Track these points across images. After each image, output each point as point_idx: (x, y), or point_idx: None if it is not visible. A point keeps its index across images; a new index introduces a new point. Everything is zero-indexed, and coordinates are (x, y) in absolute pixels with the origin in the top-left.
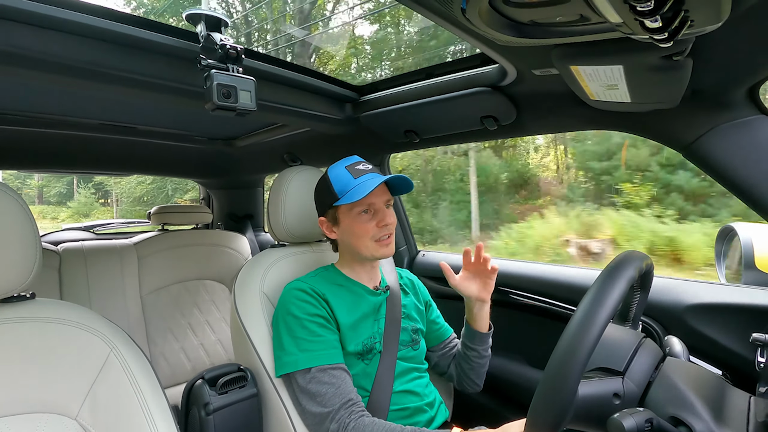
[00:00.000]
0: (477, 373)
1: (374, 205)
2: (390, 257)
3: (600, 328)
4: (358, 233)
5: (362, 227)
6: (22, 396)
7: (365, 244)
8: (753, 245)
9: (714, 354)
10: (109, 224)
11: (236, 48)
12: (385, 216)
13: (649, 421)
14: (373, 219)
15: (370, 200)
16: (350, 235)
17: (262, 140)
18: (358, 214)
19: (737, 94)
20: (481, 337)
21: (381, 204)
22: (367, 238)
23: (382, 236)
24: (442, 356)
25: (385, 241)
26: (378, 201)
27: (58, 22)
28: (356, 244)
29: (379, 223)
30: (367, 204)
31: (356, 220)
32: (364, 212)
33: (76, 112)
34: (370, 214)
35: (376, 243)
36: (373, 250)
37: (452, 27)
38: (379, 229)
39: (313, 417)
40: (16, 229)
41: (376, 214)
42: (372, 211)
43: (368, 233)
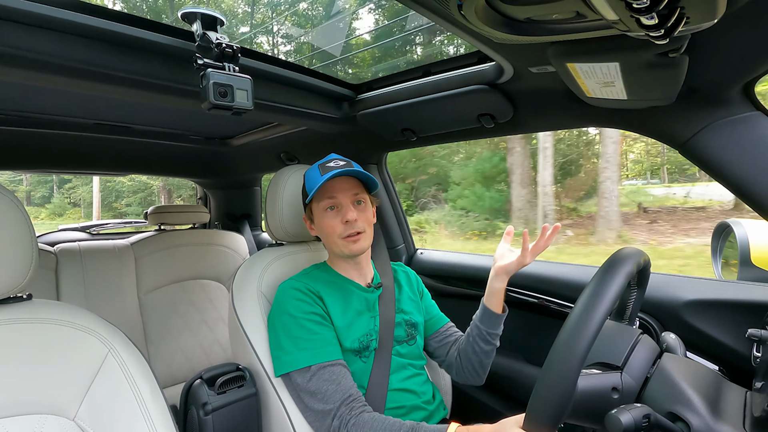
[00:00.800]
0: (482, 363)
1: (337, 200)
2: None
3: (597, 324)
4: (326, 230)
5: (328, 224)
6: (20, 398)
7: (334, 241)
8: (749, 241)
9: (710, 350)
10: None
11: (232, 47)
12: (348, 212)
13: (647, 416)
14: (338, 215)
15: (332, 194)
16: (320, 232)
17: (258, 139)
18: (324, 211)
19: (733, 91)
20: (496, 318)
21: (346, 200)
22: (334, 236)
23: (349, 233)
24: (439, 344)
25: (353, 238)
26: (342, 197)
27: (51, 20)
28: (327, 242)
29: (343, 219)
30: (330, 199)
31: (323, 216)
32: (330, 209)
33: (70, 111)
34: (336, 210)
35: (344, 240)
36: (341, 246)
37: (449, 24)
38: (343, 226)
39: (315, 414)
40: (12, 229)
41: (340, 210)
42: (337, 206)
43: (334, 230)
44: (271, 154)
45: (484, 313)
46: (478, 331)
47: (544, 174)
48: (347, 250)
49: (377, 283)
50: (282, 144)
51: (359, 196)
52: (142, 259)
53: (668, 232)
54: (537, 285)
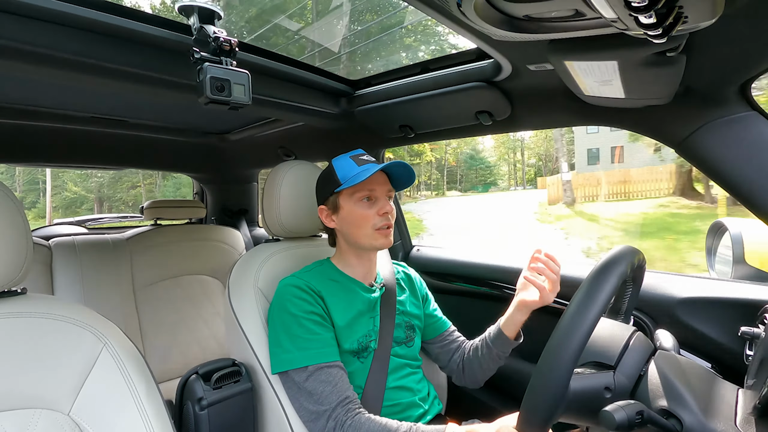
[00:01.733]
0: (485, 375)
1: (375, 193)
2: (386, 251)
3: (591, 324)
4: (358, 220)
5: (363, 214)
6: (14, 392)
7: (365, 232)
8: (743, 240)
9: (703, 347)
10: (101, 219)
11: (230, 41)
12: (386, 204)
13: (640, 413)
14: (373, 207)
15: (371, 187)
16: (349, 223)
17: (256, 134)
18: (358, 201)
19: (730, 91)
20: (511, 344)
21: (382, 193)
22: (367, 226)
23: (382, 225)
24: (441, 349)
25: (385, 231)
26: (379, 189)
27: (47, 12)
28: (355, 233)
29: (380, 211)
30: (369, 191)
31: (357, 206)
32: (366, 199)
33: (66, 104)
34: (372, 202)
35: (376, 232)
36: (372, 238)
37: (447, 21)
38: (379, 217)
39: (309, 414)
40: (7, 223)
41: (376, 202)
42: (373, 198)
43: (368, 221)
44: (268, 149)
45: (498, 337)
46: (488, 351)
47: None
48: (378, 242)
49: (380, 283)
50: (279, 139)
51: (391, 192)
52: (138, 254)
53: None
54: None
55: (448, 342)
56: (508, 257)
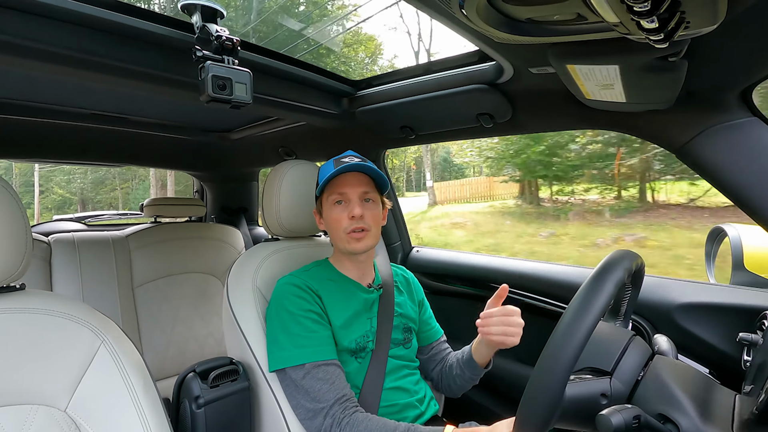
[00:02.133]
0: (461, 389)
1: (346, 195)
2: (385, 253)
3: (588, 329)
4: (332, 224)
5: (335, 217)
6: (11, 387)
7: (338, 236)
8: (742, 246)
9: (702, 352)
10: (101, 215)
11: (232, 39)
12: (354, 207)
13: (637, 417)
14: (345, 209)
15: (341, 189)
16: (327, 226)
17: (257, 133)
18: (332, 204)
19: (731, 97)
20: (479, 370)
21: (354, 195)
22: (339, 230)
23: (354, 229)
24: (428, 359)
25: (356, 235)
26: (351, 191)
27: (49, 8)
28: (332, 236)
29: (349, 214)
30: (339, 193)
31: (331, 210)
32: (338, 203)
33: (67, 101)
34: (344, 205)
35: (347, 236)
36: (345, 242)
37: (450, 23)
38: (348, 220)
39: (306, 412)
40: (6, 219)
41: (348, 204)
42: (345, 201)
43: (340, 224)
44: (269, 148)
45: (469, 363)
46: (462, 372)
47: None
48: (350, 246)
49: (377, 285)
50: (280, 139)
51: (368, 194)
52: (138, 251)
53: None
54: (531, 285)
55: (437, 352)
56: (505, 260)
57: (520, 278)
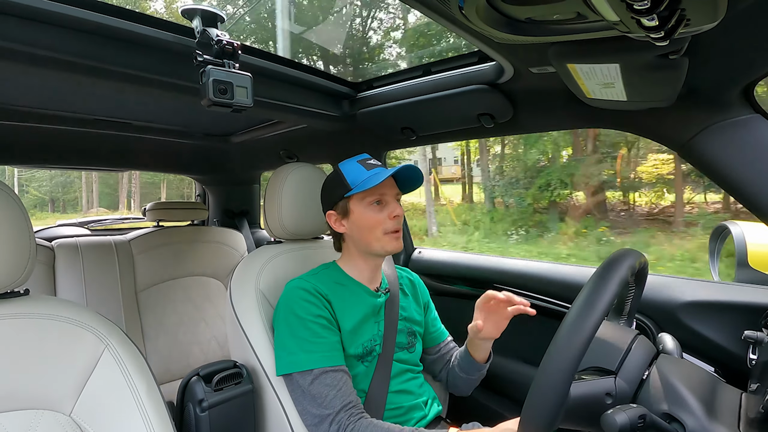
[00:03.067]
0: (467, 387)
1: (386, 196)
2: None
3: (592, 329)
4: (370, 224)
5: (374, 218)
6: (16, 392)
7: (376, 236)
8: (746, 243)
9: (706, 351)
10: (104, 220)
11: (232, 44)
12: (396, 207)
13: (642, 417)
14: (383, 210)
15: (382, 191)
16: (360, 227)
17: (258, 137)
18: (369, 205)
19: (732, 93)
20: (478, 366)
21: (392, 197)
22: (378, 230)
23: (393, 229)
24: (435, 359)
25: (395, 235)
26: (389, 193)
27: (50, 15)
28: (366, 237)
29: (390, 215)
30: (380, 194)
31: (367, 210)
32: (376, 203)
33: (69, 106)
34: (382, 206)
35: (386, 236)
36: (384, 242)
37: (449, 24)
38: (390, 221)
39: (312, 418)
40: (10, 224)
41: (387, 205)
42: (384, 202)
43: (380, 224)
44: (270, 151)
45: (467, 361)
46: (463, 373)
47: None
48: (389, 246)
49: (385, 288)
50: (282, 142)
51: (399, 196)
52: (141, 255)
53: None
54: (534, 285)
55: (444, 353)
56: (507, 260)
57: (522, 278)
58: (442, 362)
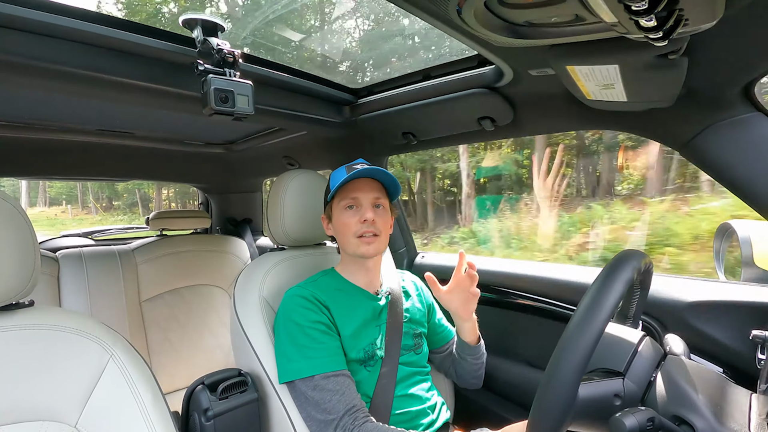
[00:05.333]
0: (474, 375)
1: (358, 200)
2: (391, 260)
3: (598, 330)
4: (342, 228)
5: (345, 222)
6: (22, 404)
7: (348, 240)
8: (751, 242)
9: (714, 352)
10: (107, 230)
11: (233, 52)
12: (366, 211)
13: (651, 419)
14: (356, 214)
15: (354, 194)
16: (336, 230)
17: (259, 144)
18: (343, 209)
19: (733, 92)
20: (471, 348)
21: (366, 201)
22: (349, 234)
23: (364, 233)
24: (445, 357)
25: (367, 239)
26: (363, 197)
27: (51, 28)
28: (342, 241)
29: (360, 218)
30: (351, 198)
31: (342, 214)
32: (349, 207)
33: (72, 118)
34: (355, 210)
35: (358, 239)
36: (354, 246)
37: (447, 28)
38: (360, 224)
39: (317, 424)
40: (14, 236)
41: (359, 209)
42: (357, 206)
43: (350, 228)
44: (272, 159)
45: (460, 343)
46: (461, 356)
47: None
48: (360, 250)
49: (385, 292)
50: (283, 149)
51: (379, 200)
52: (144, 265)
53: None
54: (539, 288)
55: (452, 351)
56: (513, 262)
57: (526, 281)
58: (451, 359)
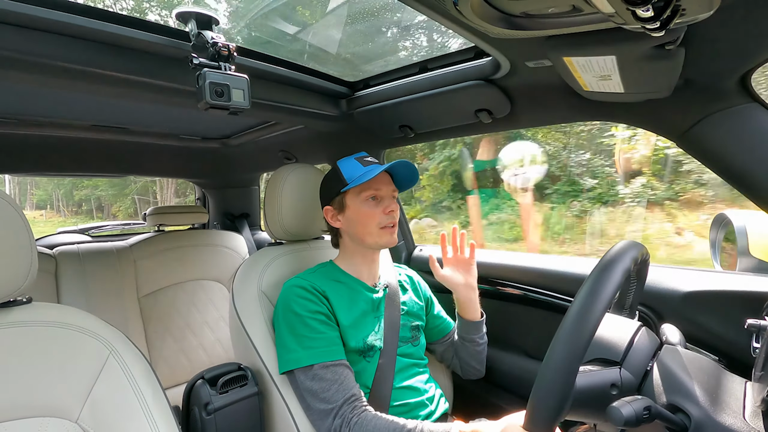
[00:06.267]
0: (477, 359)
1: (381, 192)
2: (388, 254)
3: (596, 320)
4: (364, 219)
5: (369, 212)
6: (22, 400)
7: (370, 231)
8: (747, 232)
9: (710, 341)
10: (104, 226)
11: (228, 46)
12: (391, 203)
13: (647, 408)
14: (379, 205)
15: (377, 186)
16: (355, 222)
17: (256, 139)
18: (365, 200)
19: (730, 83)
20: (476, 325)
21: (388, 193)
22: (372, 225)
23: (387, 224)
24: (446, 348)
25: (390, 229)
26: (385, 189)
27: (45, 22)
28: (361, 232)
29: (385, 210)
30: (375, 190)
31: (363, 205)
32: (372, 198)
33: (66, 113)
34: (377, 201)
35: (381, 230)
36: (377, 236)
37: (444, 20)
38: (385, 215)
39: (317, 413)
40: (10, 233)
41: (382, 201)
42: (379, 198)
43: (374, 219)
44: (269, 153)
45: (463, 324)
46: (464, 340)
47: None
48: (383, 240)
49: (383, 284)
50: (280, 143)
51: (395, 193)
52: (142, 261)
53: None
54: (537, 279)
55: (452, 341)
56: (510, 254)
57: (524, 273)
58: (452, 350)
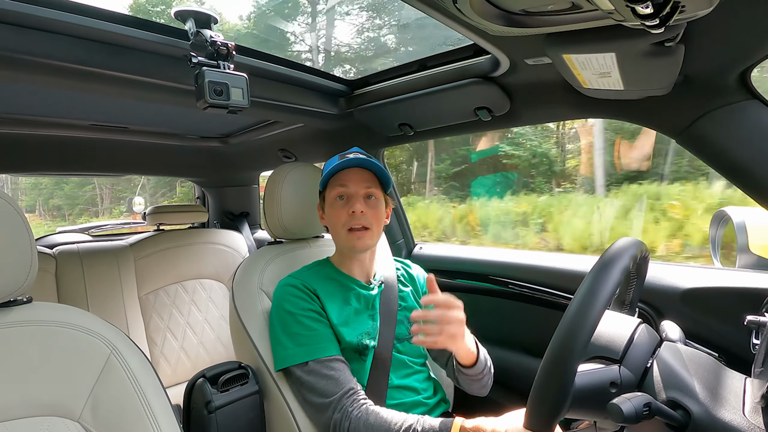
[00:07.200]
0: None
1: (348, 190)
2: (387, 249)
3: (595, 318)
4: (332, 220)
5: (335, 213)
6: (23, 400)
7: (337, 232)
8: (746, 229)
9: (709, 337)
10: (104, 226)
11: (227, 44)
12: (355, 203)
13: (647, 404)
14: (346, 205)
15: (343, 183)
16: (328, 222)
17: (255, 137)
18: (334, 200)
19: (729, 79)
20: (468, 369)
21: (357, 192)
22: (339, 226)
23: (353, 225)
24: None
25: (357, 232)
26: (353, 188)
27: (44, 21)
28: (333, 233)
29: (349, 210)
30: (341, 187)
31: (332, 205)
32: (340, 198)
33: (65, 113)
34: (345, 201)
35: (348, 233)
36: (344, 239)
37: (443, 18)
38: (349, 216)
39: (315, 408)
40: (11, 233)
41: (349, 200)
42: (347, 196)
43: (339, 220)
44: (268, 151)
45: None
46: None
47: None
48: (349, 244)
49: (378, 281)
50: (279, 141)
51: (371, 190)
52: (142, 260)
53: None
54: (536, 277)
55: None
56: (509, 252)
57: (523, 270)
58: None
